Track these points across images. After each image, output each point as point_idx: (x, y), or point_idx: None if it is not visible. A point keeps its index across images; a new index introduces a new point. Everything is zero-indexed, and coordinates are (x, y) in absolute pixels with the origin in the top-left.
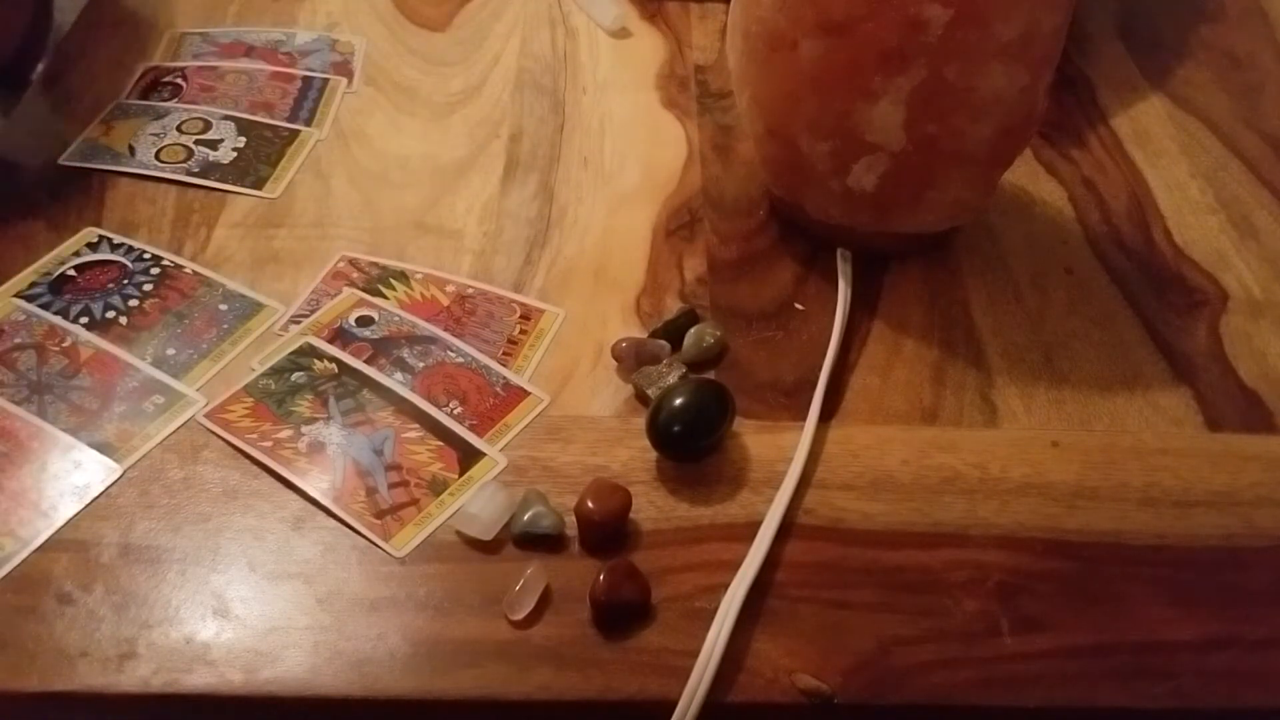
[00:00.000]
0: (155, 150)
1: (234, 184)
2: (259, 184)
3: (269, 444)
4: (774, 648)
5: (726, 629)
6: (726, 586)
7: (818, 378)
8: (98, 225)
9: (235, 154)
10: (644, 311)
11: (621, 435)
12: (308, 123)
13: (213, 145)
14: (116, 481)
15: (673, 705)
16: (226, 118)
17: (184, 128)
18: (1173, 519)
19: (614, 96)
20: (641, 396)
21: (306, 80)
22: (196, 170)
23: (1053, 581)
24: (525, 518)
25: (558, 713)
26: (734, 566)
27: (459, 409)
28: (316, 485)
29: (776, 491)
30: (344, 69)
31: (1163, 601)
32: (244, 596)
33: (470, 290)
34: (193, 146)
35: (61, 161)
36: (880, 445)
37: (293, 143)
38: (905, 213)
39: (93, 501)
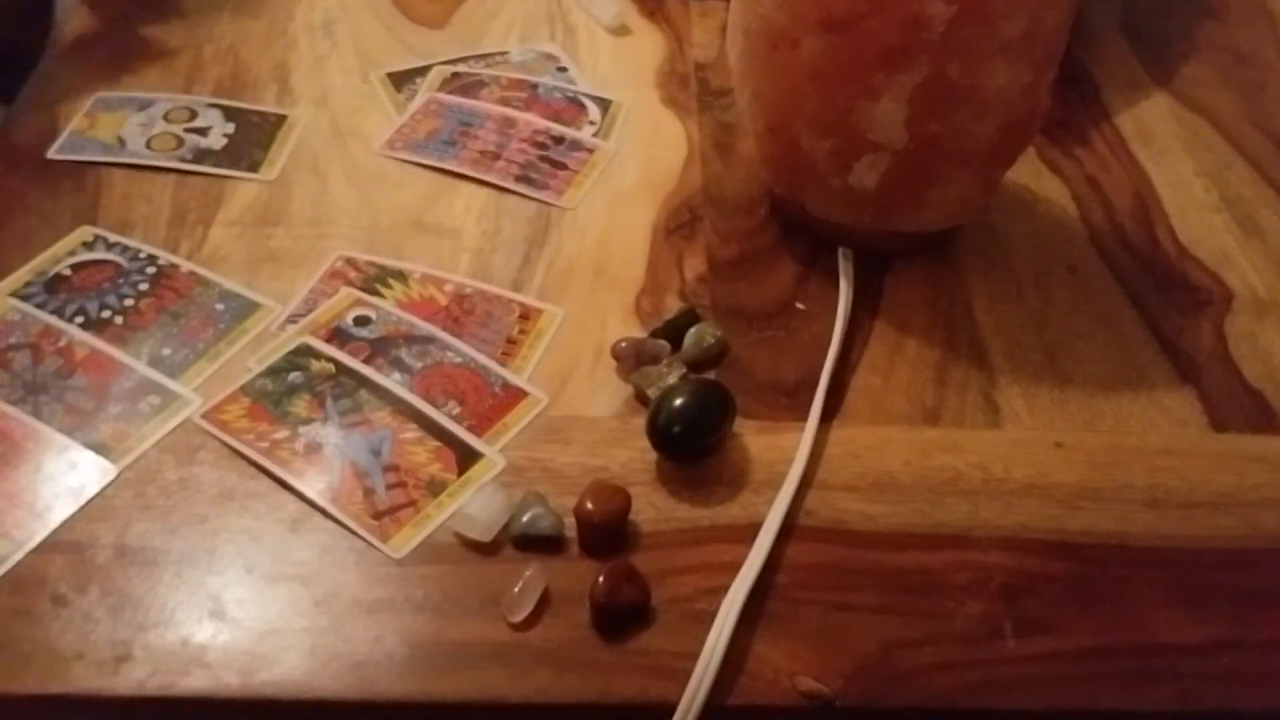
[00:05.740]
0: (145, 140)
1: (229, 169)
2: (254, 167)
3: (266, 445)
4: (775, 650)
5: (727, 631)
6: (727, 588)
7: (819, 378)
8: (93, 224)
9: (226, 139)
10: (644, 311)
11: (621, 436)
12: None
13: (202, 132)
14: (112, 482)
15: (673, 708)
16: (211, 105)
17: (170, 117)
18: (1177, 520)
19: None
20: (641, 397)
21: None
22: (190, 158)
23: (1056, 583)
24: (524, 519)
25: (557, 715)
26: (734, 568)
27: (457, 409)
28: (314, 486)
29: (777, 493)
30: None
31: (1167, 603)
32: (240, 598)
33: (469, 289)
34: (182, 135)
35: (50, 155)
36: (882, 446)
37: (281, 126)
38: (907, 211)
39: (88, 503)
